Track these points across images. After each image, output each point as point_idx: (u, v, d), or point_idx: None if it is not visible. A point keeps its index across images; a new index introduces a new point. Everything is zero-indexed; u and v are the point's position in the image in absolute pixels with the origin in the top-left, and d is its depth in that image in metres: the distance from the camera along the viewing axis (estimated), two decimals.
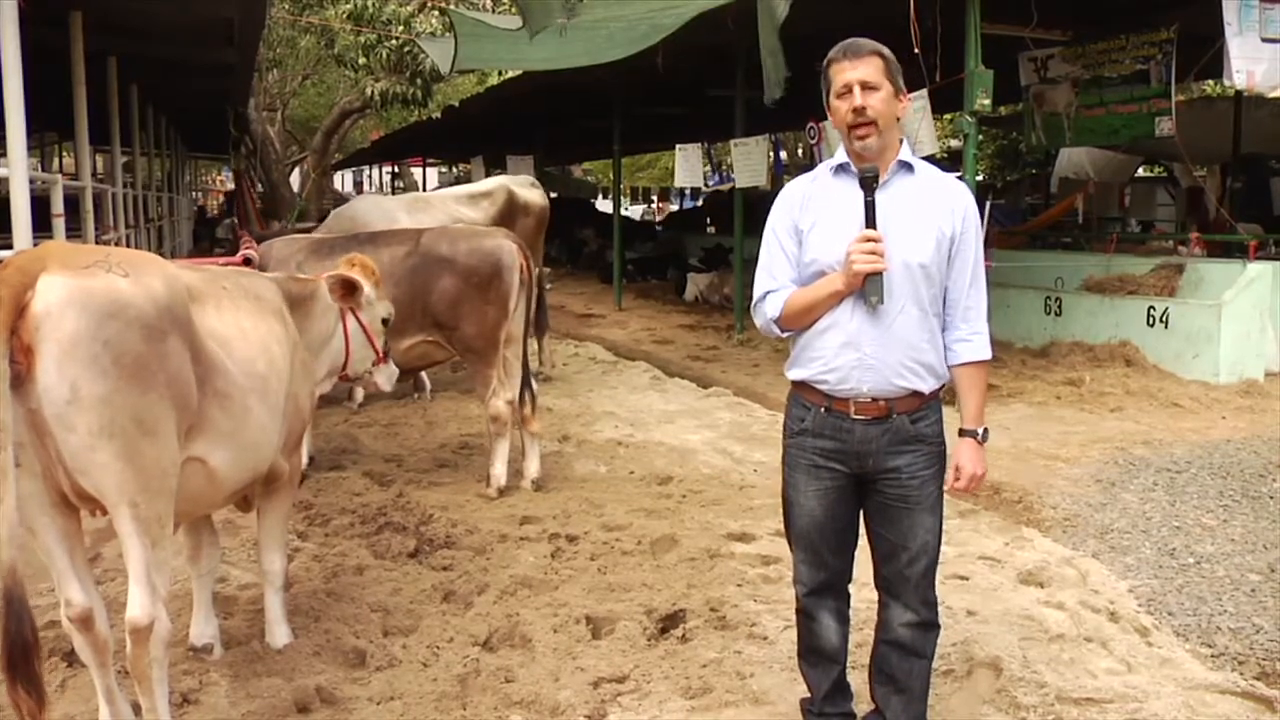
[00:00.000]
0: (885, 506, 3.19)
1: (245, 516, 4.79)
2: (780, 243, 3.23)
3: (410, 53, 15.31)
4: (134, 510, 3.09)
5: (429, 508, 5.93)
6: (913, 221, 3.10)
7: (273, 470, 3.93)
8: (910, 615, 3.23)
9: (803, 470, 3.24)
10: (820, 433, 3.18)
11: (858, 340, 3.09)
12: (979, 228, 3.22)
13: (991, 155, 23.99)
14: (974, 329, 3.19)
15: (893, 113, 3.10)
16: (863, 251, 2.99)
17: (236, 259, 6.59)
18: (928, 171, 3.22)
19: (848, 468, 3.18)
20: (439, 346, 6.58)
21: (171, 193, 20.99)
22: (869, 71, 3.06)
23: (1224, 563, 5.29)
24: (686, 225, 24.76)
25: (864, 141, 3.08)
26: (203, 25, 10.58)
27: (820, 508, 3.22)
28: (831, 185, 3.20)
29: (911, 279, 3.08)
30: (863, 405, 3.12)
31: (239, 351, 3.57)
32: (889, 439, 3.13)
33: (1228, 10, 8.25)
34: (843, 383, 3.12)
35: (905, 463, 3.14)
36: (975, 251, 3.17)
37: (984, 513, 6.11)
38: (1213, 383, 9.11)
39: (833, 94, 3.12)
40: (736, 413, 8.85)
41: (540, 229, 10.60)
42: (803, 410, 3.23)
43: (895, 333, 3.08)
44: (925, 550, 3.19)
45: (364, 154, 35.33)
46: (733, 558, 5.23)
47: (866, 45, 3.11)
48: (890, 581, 3.26)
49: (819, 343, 3.15)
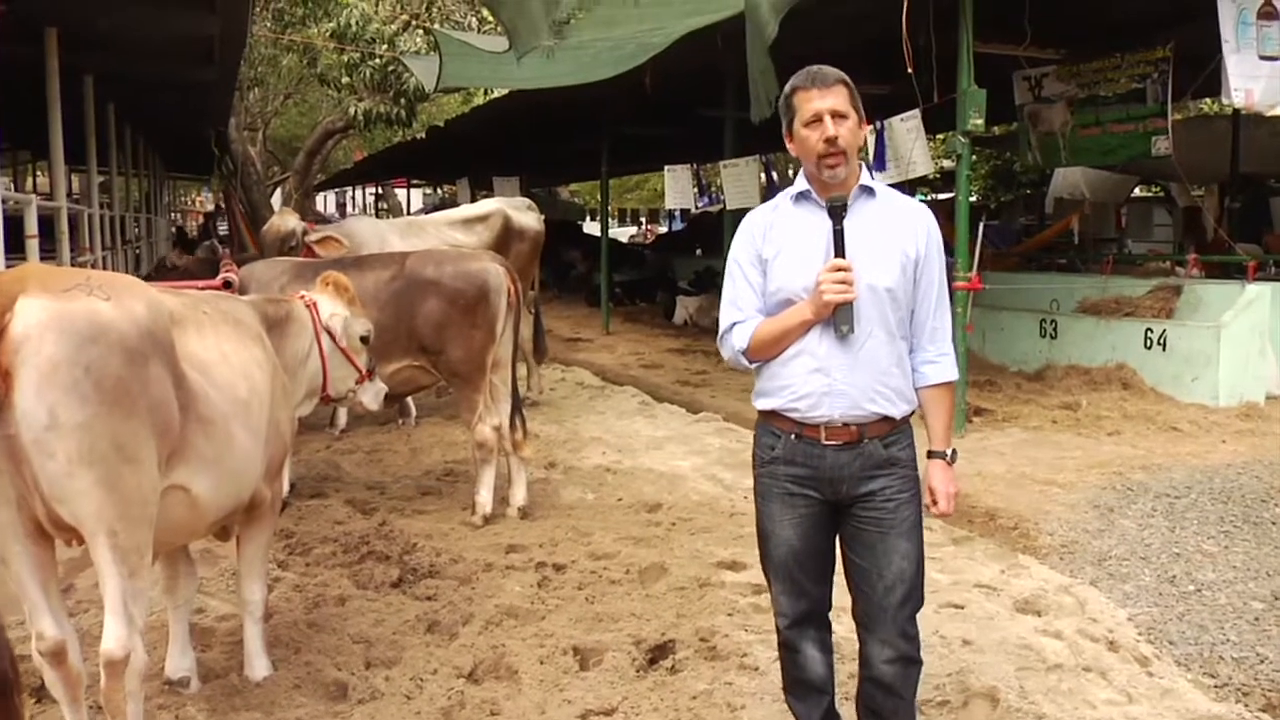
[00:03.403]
0: (860, 532, 3.20)
1: (223, 545, 4.79)
2: (744, 273, 3.25)
3: (394, 72, 15.34)
4: (113, 539, 3.08)
5: (413, 536, 5.92)
6: (876, 245, 3.13)
7: (254, 498, 3.94)
8: (889, 651, 3.20)
9: (776, 499, 3.25)
10: (791, 460, 3.20)
11: (827, 366, 3.11)
12: (941, 248, 3.26)
13: (985, 176, 24.14)
14: (940, 350, 3.23)
15: (858, 141, 3.15)
16: (833, 281, 3.01)
17: (216, 282, 6.59)
18: (888, 195, 3.26)
19: (821, 494, 3.19)
20: (424, 371, 6.59)
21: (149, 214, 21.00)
22: (838, 101, 3.09)
23: (1226, 590, 5.29)
24: (676, 248, 24.83)
25: (833, 171, 3.11)
26: (182, 43, 10.60)
27: (797, 536, 3.24)
28: (794, 213, 3.23)
29: (878, 303, 3.11)
30: (834, 430, 3.14)
31: (221, 377, 3.58)
32: (861, 464, 3.15)
33: (1225, 28, 8.25)
34: (813, 409, 3.14)
35: (879, 487, 3.16)
36: (939, 273, 3.22)
37: (979, 539, 6.13)
38: (1212, 406, 9.12)
39: (799, 122, 3.14)
40: (726, 438, 8.85)
41: (535, 254, 10.62)
42: (772, 438, 3.25)
43: (864, 358, 3.11)
44: (902, 578, 3.17)
45: (347, 175, 35.40)
46: (723, 586, 5.23)
47: (833, 74, 3.14)
48: (868, 615, 3.24)
49: (786, 371, 3.17)
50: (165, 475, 3.27)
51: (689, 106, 14.01)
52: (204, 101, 14.59)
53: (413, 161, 27.25)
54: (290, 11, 17.35)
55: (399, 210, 38.20)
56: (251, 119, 26.26)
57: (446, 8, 17.64)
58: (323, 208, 43.26)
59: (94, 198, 13.34)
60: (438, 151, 22.19)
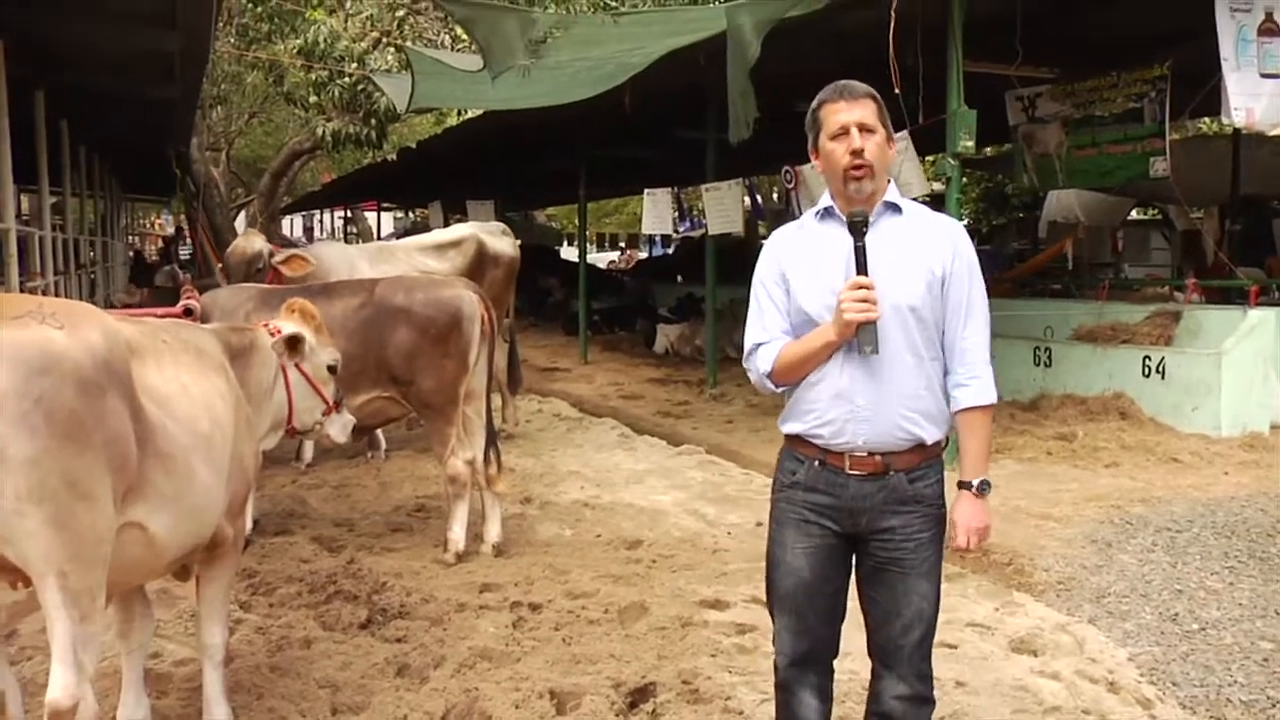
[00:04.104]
0: (878, 570, 3.20)
1: (182, 585, 4.74)
2: (769, 293, 3.26)
3: (364, 91, 15.35)
4: (63, 581, 3.03)
5: (382, 575, 5.88)
6: (901, 263, 3.13)
7: (216, 536, 3.90)
8: (903, 688, 3.22)
9: (791, 525, 3.24)
10: (813, 487, 3.19)
11: (849, 392, 3.11)
12: (974, 265, 3.23)
13: (976, 199, 24.25)
14: (972, 372, 3.20)
15: (887, 157, 3.17)
16: (854, 300, 3.01)
17: (176, 310, 6.56)
18: (916, 211, 3.26)
19: (840, 526, 3.18)
20: (395, 403, 6.57)
21: (106, 237, 20.90)
22: (866, 114, 3.12)
23: (1232, 629, 5.28)
24: (656, 274, 24.87)
25: (859, 185, 3.12)
26: (141, 58, 10.55)
27: (808, 567, 3.22)
28: (818, 231, 3.24)
29: (903, 323, 3.10)
30: (858, 460, 3.14)
31: (181, 409, 3.55)
32: (884, 497, 3.14)
33: (1224, 45, 8.26)
34: (838, 436, 3.14)
35: (900, 523, 3.15)
36: (970, 290, 3.20)
37: (972, 576, 6.13)
38: (1214, 436, 9.15)
39: (825, 135, 3.16)
40: (709, 472, 8.86)
41: (510, 281, 10.62)
42: (795, 463, 3.25)
43: (889, 382, 3.10)
44: (920, 619, 3.18)
45: (315, 197, 35.32)
46: (706, 626, 5.22)
47: (861, 88, 3.17)
48: (883, 650, 3.25)
49: (811, 395, 3.17)
50: (121, 513, 3.23)
51: (670, 128, 14.07)
52: (164, 120, 14.52)
53: (383, 184, 27.24)
54: (255, 27, 17.34)
55: (369, 235, 38.17)
56: (215, 139, 26.24)
57: (419, 25, 17.67)
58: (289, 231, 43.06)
59: (46, 219, 13.21)
60: (409, 174, 22.21)
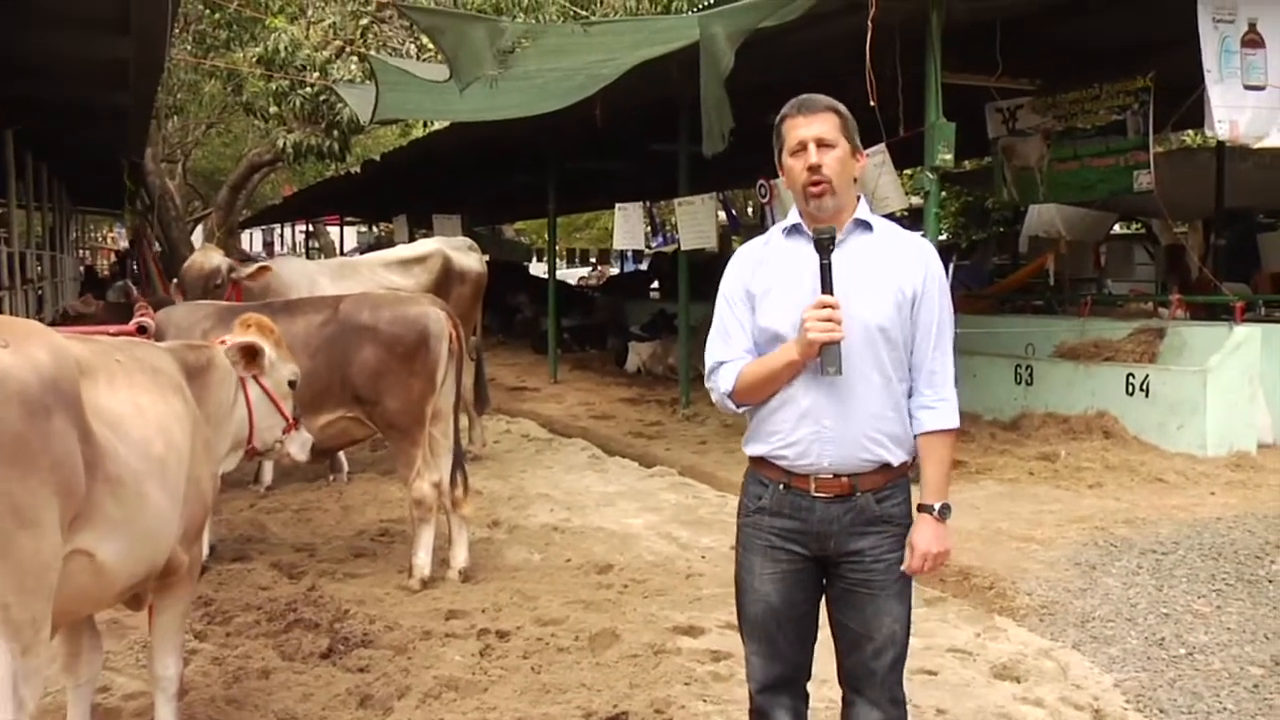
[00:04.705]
0: (847, 592, 3.21)
1: (133, 615, 4.70)
2: (733, 310, 3.28)
3: (326, 101, 15.34)
4: (4, 613, 2.99)
5: (344, 602, 5.86)
6: (870, 282, 3.15)
7: (170, 563, 3.86)
8: (877, 714, 3.23)
9: (758, 551, 3.25)
10: (778, 511, 3.21)
11: (815, 413, 3.13)
12: (944, 286, 3.27)
13: (955, 213, 24.41)
14: (939, 395, 3.22)
15: (849, 172, 3.18)
16: (818, 319, 3.02)
17: (129, 327, 6.53)
18: (887, 229, 3.28)
19: (807, 550, 3.20)
20: (359, 423, 6.54)
21: (55, 251, 20.76)
22: (824, 128, 3.14)
23: (1220, 654, 5.30)
24: (628, 290, 24.90)
25: (819, 201, 3.14)
26: (93, 66, 10.51)
27: (777, 593, 3.23)
28: (785, 248, 3.26)
29: (871, 343, 3.13)
30: (824, 482, 3.15)
31: (134, 431, 3.52)
32: (852, 519, 3.16)
33: (1207, 56, 8.34)
34: (802, 457, 3.15)
35: (869, 545, 3.17)
36: (940, 311, 3.22)
37: (952, 600, 6.15)
38: (1200, 455, 9.20)
39: (786, 152, 3.20)
40: (682, 494, 8.86)
41: (477, 298, 10.63)
42: (760, 487, 3.26)
43: (856, 403, 3.12)
44: (892, 641, 3.20)
45: (275, 211, 35.26)
46: (679, 654, 5.23)
47: (821, 101, 3.19)
48: (855, 676, 3.26)
49: (776, 416, 3.19)
50: (68, 540, 3.19)
51: (642, 141, 14.14)
52: (117, 130, 14.46)
53: (346, 197, 27.21)
54: (213, 35, 17.32)
55: (331, 250, 38.07)
56: (170, 150, 26.17)
57: (383, 34, 17.67)
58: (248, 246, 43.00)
59: None
60: (373, 187, 22.21)
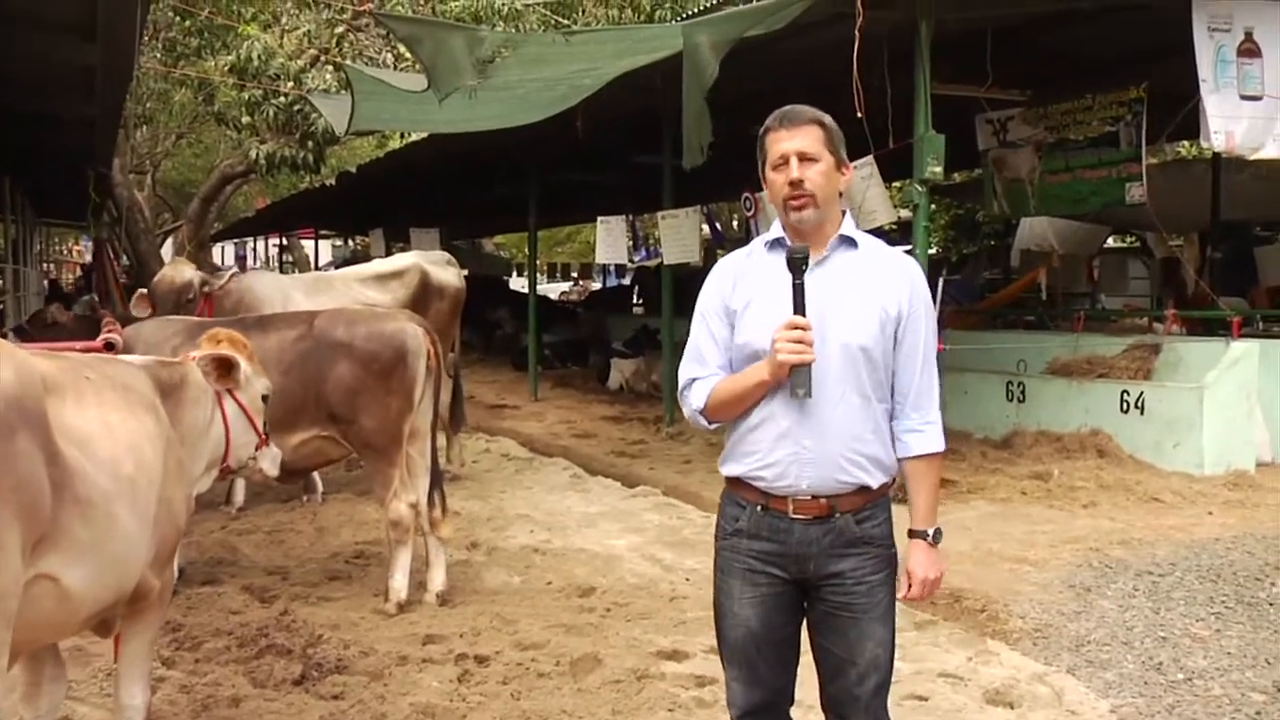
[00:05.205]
0: (829, 616, 3.21)
1: (98, 642, 4.67)
2: (709, 325, 3.28)
3: (301, 111, 15.31)
4: None
5: (318, 627, 5.84)
6: (853, 300, 3.16)
7: (140, 588, 3.83)
8: None
9: (737, 575, 3.25)
10: (756, 534, 3.21)
11: (794, 433, 3.13)
12: (929, 306, 3.28)
13: (945, 226, 24.48)
14: (926, 418, 3.23)
15: (833, 186, 3.19)
16: (788, 340, 3.02)
17: (96, 344, 6.50)
18: (872, 246, 3.29)
19: (787, 573, 3.20)
20: (334, 443, 6.52)
21: (17, 264, 20.67)
22: (807, 141, 3.15)
23: (1220, 679, 5.30)
24: (610, 305, 24.91)
25: (800, 215, 3.15)
26: (58, 74, 10.46)
27: (756, 617, 3.23)
28: (766, 261, 3.26)
29: (852, 363, 3.13)
30: (802, 504, 3.15)
31: (103, 451, 3.50)
32: (831, 540, 3.16)
33: (1202, 66, 8.36)
34: (780, 479, 3.15)
35: (850, 567, 3.17)
36: (925, 332, 3.23)
37: (943, 624, 6.15)
38: (1196, 474, 9.24)
39: (768, 165, 3.21)
40: (666, 514, 8.86)
41: (455, 313, 10.63)
42: (737, 509, 3.26)
43: (835, 423, 3.12)
44: (876, 666, 3.19)
45: (248, 224, 35.22)
46: (663, 679, 5.23)
47: (805, 113, 3.20)
48: (838, 702, 3.26)
49: (753, 436, 3.19)
50: (31, 564, 3.16)
51: (624, 152, 14.16)
52: (84, 140, 14.40)
53: (321, 210, 27.16)
54: (184, 42, 17.26)
55: (305, 264, 37.99)
56: (139, 160, 26.05)
57: (359, 43, 17.66)
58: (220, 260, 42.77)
59: None
60: (349, 200, 22.17)
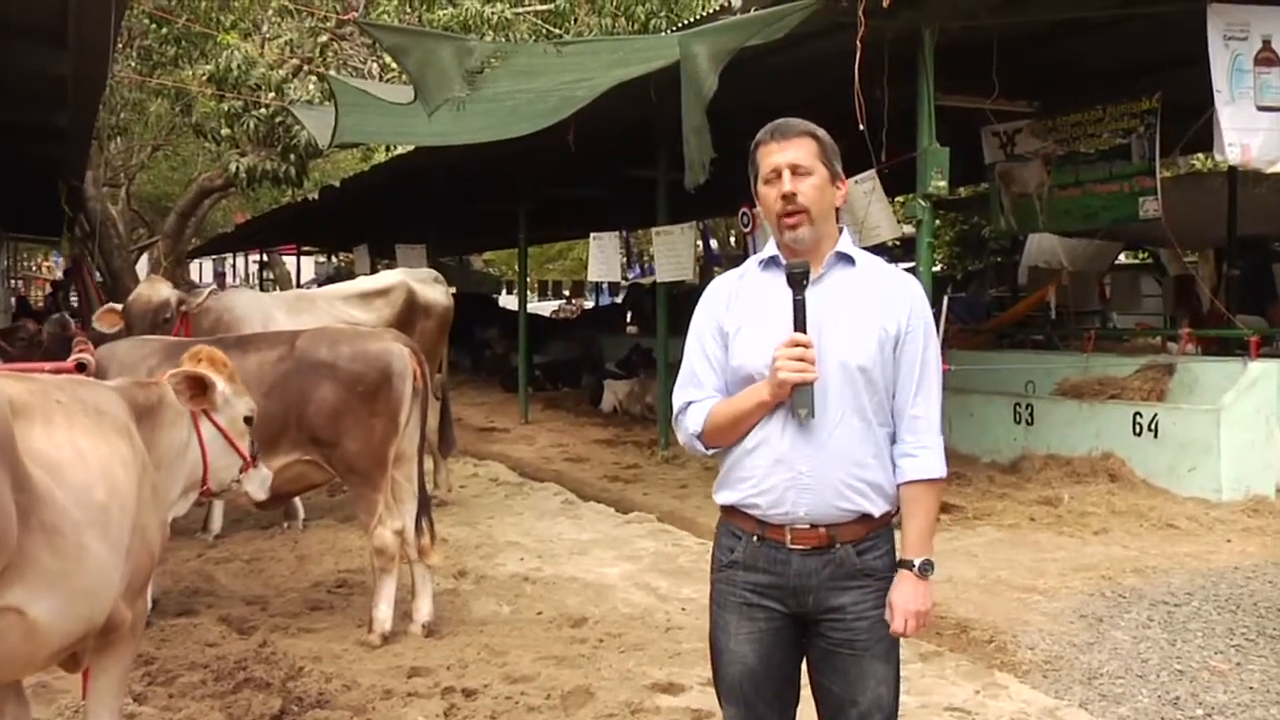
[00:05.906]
0: (829, 653, 3.19)
1: (66, 677, 4.65)
2: (703, 347, 3.28)
3: (282, 123, 15.33)
4: None
5: (298, 659, 5.83)
6: (851, 319, 3.15)
7: (111, 620, 3.80)
8: None
9: (733, 609, 3.24)
10: (753, 565, 3.19)
11: (791, 458, 3.11)
12: (929, 326, 3.26)
13: (950, 242, 24.53)
14: (921, 442, 3.20)
15: (828, 200, 3.19)
16: (790, 358, 3.02)
17: (68, 364, 6.49)
18: (870, 263, 3.28)
19: (785, 606, 3.18)
20: (317, 467, 6.51)
21: None
22: (800, 154, 3.15)
23: (1241, 715, 5.26)
24: (603, 324, 24.92)
25: (795, 232, 3.15)
26: (27, 83, 10.45)
27: (754, 654, 3.21)
28: (761, 281, 3.27)
29: (851, 384, 3.11)
30: (800, 533, 3.14)
31: (74, 477, 3.48)
32: (831, 572, 3.14)
33: (1217, 76, 8.34)
34: (776, 506, 3.13)
35: (851, 601, 3.15)
36: (925, 353, 3.21)
37: (950, 655, 6.14)
38: (1213, 500, 9.21)
39: (760, 179, 3.21)
40: (661, 541, 8.85)
41: (442, 332, 10.63)
42: (733, 539, 3.25)
43: (834, 447, 3.10)
44: (878, 706, 3.17)
45: (227, 239, 35.19)
46: (658, 713, 5.22)
47: (797, 125, 3.21)
48: None
49: (748, 461, 3.18)
50: None
51: (618, 167, 14.17)
52: (54, 152, 14.41)
53: (303, 226, 27.12)
54: (160, 51, 17.29)
55: (287, 281, 37.96)
56: (113, 173, 26.07)
57: (343, 52, 17.73)
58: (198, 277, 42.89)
59: None
60: (332, 215, 22.16)
